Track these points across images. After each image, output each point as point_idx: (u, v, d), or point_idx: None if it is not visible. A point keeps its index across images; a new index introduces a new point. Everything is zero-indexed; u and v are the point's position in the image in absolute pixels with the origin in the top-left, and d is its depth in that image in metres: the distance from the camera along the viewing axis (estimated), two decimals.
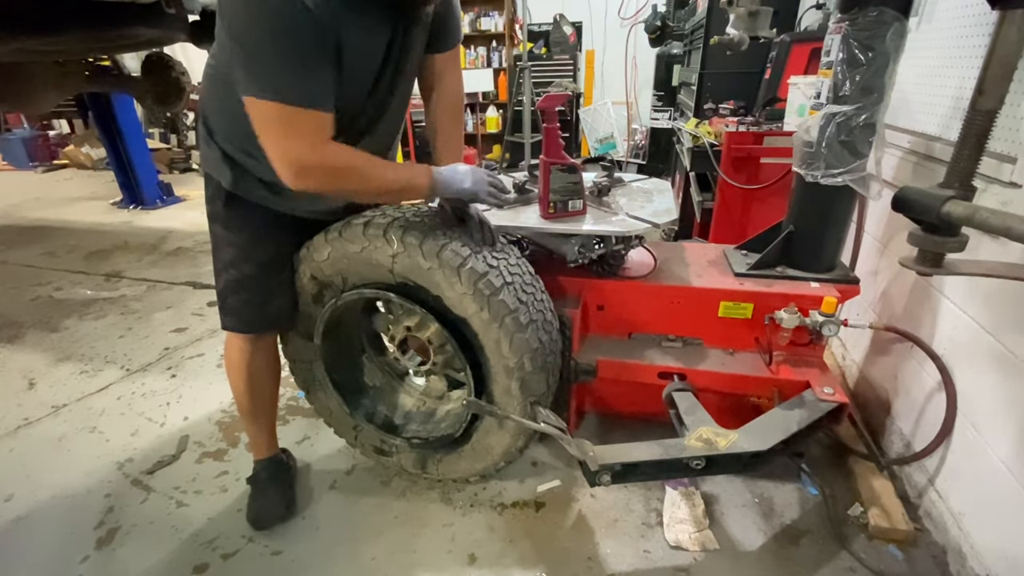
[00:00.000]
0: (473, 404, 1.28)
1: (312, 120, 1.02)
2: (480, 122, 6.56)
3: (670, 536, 1.44)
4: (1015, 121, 1.20)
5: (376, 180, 1.15)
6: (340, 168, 1.10)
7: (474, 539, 1.48)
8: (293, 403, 2.05)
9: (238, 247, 1.32)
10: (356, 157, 1.13)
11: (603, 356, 1.60)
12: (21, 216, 5.10)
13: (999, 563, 1.19)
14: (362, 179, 1.14)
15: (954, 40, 1.50)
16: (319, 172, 1.08)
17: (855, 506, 1.51)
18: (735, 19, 1.79)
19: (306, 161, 1.06)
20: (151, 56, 3.90)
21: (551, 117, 1.48)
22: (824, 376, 1.47)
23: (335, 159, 1.09)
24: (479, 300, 1.25)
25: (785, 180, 2.28)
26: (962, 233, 0.96)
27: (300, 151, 1.05)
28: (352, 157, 1.12)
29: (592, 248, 1.57)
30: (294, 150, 1.04)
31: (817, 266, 1.62)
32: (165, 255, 3.83)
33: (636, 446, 1.30)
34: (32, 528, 1.56)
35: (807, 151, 1.47)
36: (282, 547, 1.47)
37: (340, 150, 1.10)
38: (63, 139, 7.84)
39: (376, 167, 1.16)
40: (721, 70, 3.13)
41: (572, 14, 5.60)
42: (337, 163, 1.09)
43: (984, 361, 1.28)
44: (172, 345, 2.55)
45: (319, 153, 1.06)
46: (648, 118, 5.18)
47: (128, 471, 1.76)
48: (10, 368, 2.41)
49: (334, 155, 1.09)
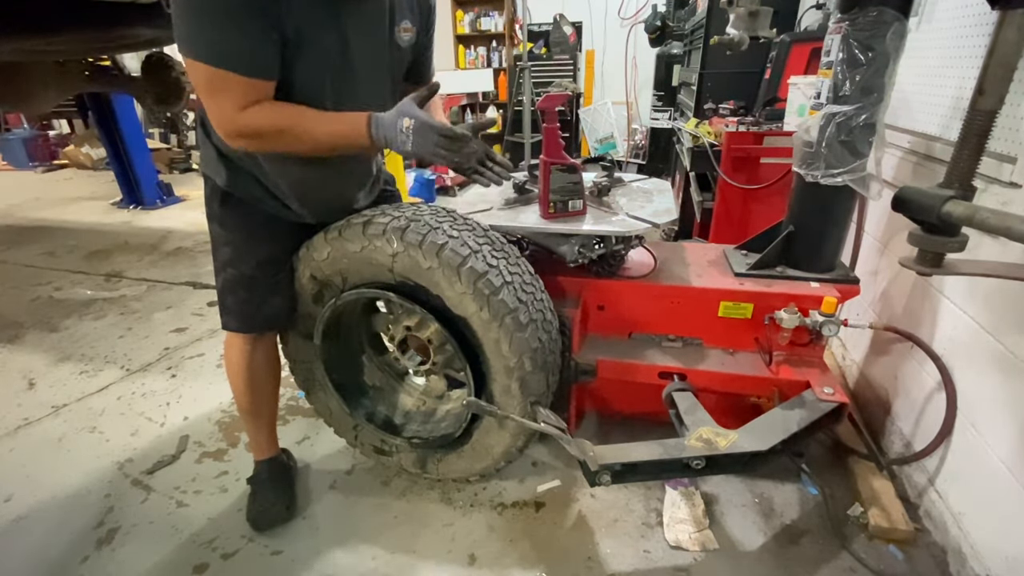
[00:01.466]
0: (473, 404, 1.28)
1: (238, 84, 1.01)
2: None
3: (670, 536, 1.44)
4: (1015, 121, 1.20)
5: (309, 140, 1.10)
6: (267, 130, 1.07)
7: (474, 539, 1.48)
8: (293, 403, 2.05)
9: (235, 246, 1.32)
10: (283, 117, 1.08)
11: (603, 356, 1.60)
12: (21, 216, 5.10)
13: (999, 563, 1.19)
14: (294, 139, 1.09)
15: (954, 40, 1.50)
16: (247, 134, 1.07)
17: (855, 506, 1.51)
18: (735, 19, 1.79)
19: (232, 123, 1.06)
20: (151, 56, 3.89)
21: (551, 117, 1.48)
22: (824, 376, 1.47)
23: (261, 121, 1.06)
24: (479, 299, 1.24)
25: (785, 180, 2.28)
26: (962, 233, 0.96)
27: (224, 113, 1.05)
28: (279, 117, 1.07)
29: (592, 248, 1.57)
30: (220, 111, 1.05)
31: (817, 266, 1.62)
32: (165, 255, 3.83)
33: (636, 446, 1.30)
34: (32, 528, 1.56)
35: (807, 151, 1.47)
36: (282, 547, 1.47)
37: (267, 111, 1.06)
38: (63, 139, 7.84)
39: (307, 125, 1.09)
40: (721, 70, 3.13)
41: (572, 14, 5.61)
42: (263, 125, 1.07)
43: (984, 361, 1.28)
44: (172, 345, 2.55)
45: (245, 116, 1.05)
46: (648, 118, 5.18)
47: (128, 471, 1.76)
48: (10, 368, 2.41)
49: (261, 117, 1.06)
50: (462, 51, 6.55)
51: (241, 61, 1.00)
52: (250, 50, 1.00)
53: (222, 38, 0.98)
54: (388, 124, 1.08)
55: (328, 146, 1.13)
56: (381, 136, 1.09)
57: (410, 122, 1.05)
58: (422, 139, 1.06)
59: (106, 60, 4.15)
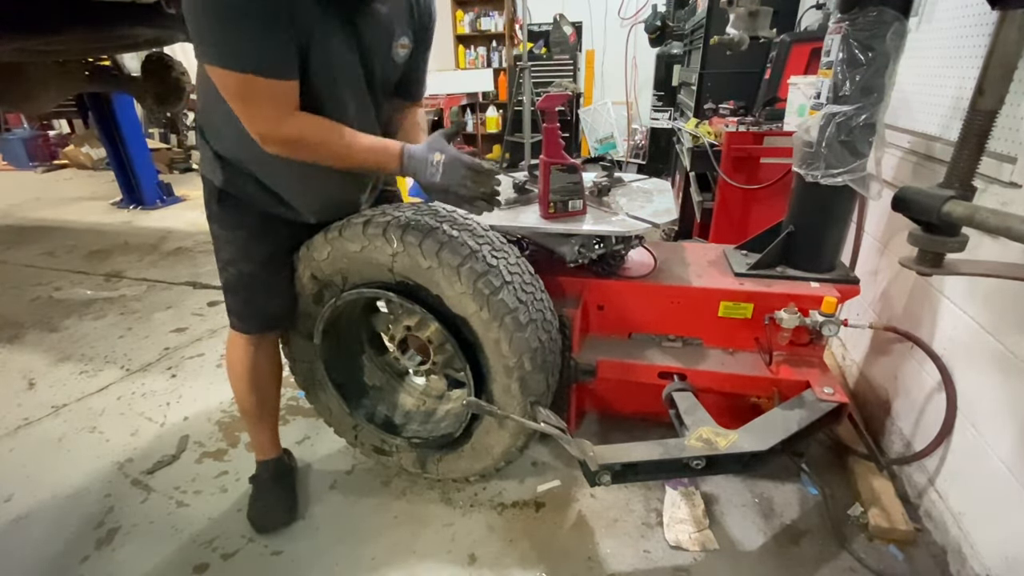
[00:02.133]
0: (473, 404, 1.28)
1: (269, 88, 1.01)
2: (480, 122, 6.55)
3: (670, 536, 1.44)
4: (1015, 121, 1.20)
5: (346, 156, 1.14)
6: (310, 140, 1.09)
7: (474, 539, 1.48)
8: (293, 403, 2.05)
9: (235, 245, 1.32)
10: (326, 130, 1.10)
11: (603, 356, 1.60)
12: (21, 216, 5.10)
13: (999, 563, 1.19)
14: (332, 153, 1.12)
15: (954, 40, 1.50)
16: (290, 141, 1.08)
17: (855, 506, 1.51)
18: (735, 19, 1.79)
19: (276, 130, 1.06)
20: (151, 56, 3.89)
21: (551, 117, 1.48)
22: (824, 376, 1.47)
23: (306, 131, 1.08)
24: (479, 299, 1.25)
25: (785, 180, 2.28)
26: (962, 233, 0.96)
27: (268, 120, 1.05)
28: (322, 130, 1.10)
29: (592, 248, 1.57)
30: (262, 118, 1.05)
31: (817, 266, 1.62)
32: (165, 255, 3.83)
33: (636, 446, 1.30)
34: (32, 528, 1.56)
35: (807, 151, 1.47)
36: (282, 547, 1.47)
37: (311, 122, 1.08)
38: (63, 139, 7.84)
39: (348, 141, 1.12)
40: (721, 70, 3.13)
41: (572, 14, 5.60)
42: (307, 135, 1.09)
43: (984, 361, 1.28)
44: (172, 345, 2.55)
45: (289, 124, 1.06)
46: (648, 118, 5.18)
47: (128, 471, 1.76)
48: (10, 368, 2.41)
49: (306, 127, 1.08)
50: (462, 51, 6.55)
51: (270, 65, 1.00)
52: (274, 52, 1.00)
53: (247, 44, 0.97)
54: (419, 157, 1.14)
55: (359, 164, 1.16)
56: (411, 167, 1.14)
57: (440, 156, 1.12)
58: (451, 172, 1.12)
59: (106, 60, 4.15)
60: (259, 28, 0.96)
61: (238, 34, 0.96)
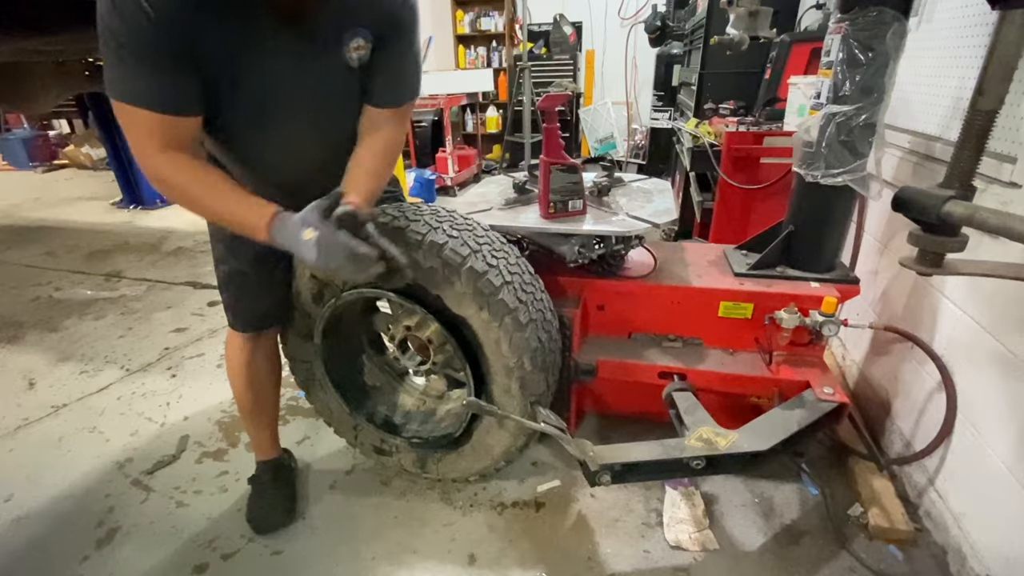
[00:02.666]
0: (473, 404, 1.28)
1: (149, 120, 0.95)
2: (480, 122, 6.55)
3: (670, 536, 1.44)
4: (1015, 121, 1.20)
5: (206, 214, 1.08)
6: (170, 183, 1.01)
7: (474, 539, 1.47)
8: (293, 403, 2.05)
9: (224, 244, 1.32)
10: (187, 177, 1.01)
11: (603, 356, 1.60)
12: (21, 216, 5.09)
13: (999, 563, 1.19)
14: (190, 204, 1.03)
15: (954, 40, 1.50)
16: (154, 179, 1.01)
17: (855, 506, 1.51)
18: (735, 19, 1.79)
19: (145, 164, 1.00)
20: None
21: (551, 117, 1.48)
22: (824, 376, 1.47)
23: (167, 172, 1.00)
24: (479, 299, 1.25)
25: (785, 180, 2.28)
26: (962, 233, 0.96)
27: (143, 152, 0.99)
28: (182, 176, 1.01)
29: (592, 248, 1.57)
30: (138, 150, 0.99)
31: (817, 266, 1.62)
32: (165, 255, 3.83)
33: (636, 446, 1.30)
34: (32, 528, 1.56)
35: (807, 151, 1.47)
36: (282, 547, 1.47)
37: (176, 164, 1.00)
38: (63, 139, 7.83)
39: (207, 196, 1.02)
40: (721, 70, 3.13)
41: (572, 14, 5.60)
42: (167, 177, 1.01)
43: (984, 361, 1.28)
44: (172, 345, 2.55)
45: (157, 160, 0.99)
46: (648, 118, 5.18)
47: (128, 471, 1.76)
48: (10, 368, 2.41)
49: (168, 168, 1.00)
50: (462, 51, 6.55)
51: (152, 98, 0.94)
52: (159, 86, 0.94)
53: (133, 76, 0.93)
54: (290, 231, 0.99)
55: (225, 224, 1.08)
56: (281, 239, 1.01)
57: (312, 234, 0.96)
58: (329, 254, 0.97)
59: None
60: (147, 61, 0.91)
61: (122, 69, 0.92)
